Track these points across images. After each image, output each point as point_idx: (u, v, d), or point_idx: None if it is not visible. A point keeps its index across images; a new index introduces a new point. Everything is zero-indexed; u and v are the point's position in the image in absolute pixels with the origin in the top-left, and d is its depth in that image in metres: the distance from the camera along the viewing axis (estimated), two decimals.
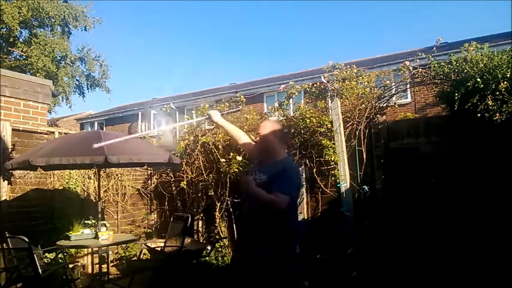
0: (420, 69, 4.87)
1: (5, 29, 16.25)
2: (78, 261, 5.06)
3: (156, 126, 17.28)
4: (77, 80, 19.75)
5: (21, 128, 4.78)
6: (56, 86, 15.65)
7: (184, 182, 5.98)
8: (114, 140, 3.45)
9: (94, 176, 5.57)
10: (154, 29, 53.88)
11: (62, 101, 19.17)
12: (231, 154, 5.53)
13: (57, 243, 4.13)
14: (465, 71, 4.00)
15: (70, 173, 5.33)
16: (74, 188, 5.39)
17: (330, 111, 5.02)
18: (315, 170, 5.01)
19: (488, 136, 3.78)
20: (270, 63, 55.29)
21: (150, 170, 6.52)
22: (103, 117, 20.54)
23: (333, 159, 4.75)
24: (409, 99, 10.60)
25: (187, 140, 6.11)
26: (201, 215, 6.14)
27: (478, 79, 3.78)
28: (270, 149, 2.45)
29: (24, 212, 4.64)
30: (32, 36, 17.14)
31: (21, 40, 17.37)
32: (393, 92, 5.23)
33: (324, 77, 9.86)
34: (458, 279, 3.74)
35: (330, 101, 5.35)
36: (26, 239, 3.33)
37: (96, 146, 3.15)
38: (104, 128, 19.36)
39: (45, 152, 3.64)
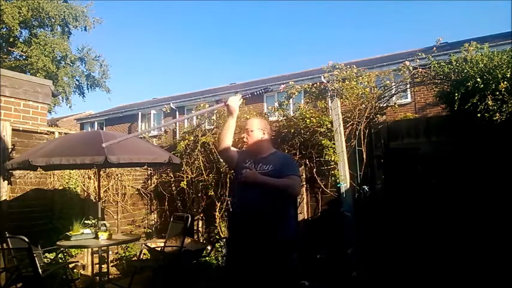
0: (420, 69, 4.86)
1: (5, 29, 16.23)
2: (78, 261, 5.05)
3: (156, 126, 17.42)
4: (77, 80, 19.74)
5: (21, 128, 4.78)
6: (56, 86, 15.65)
7: (184, 182, 5.99)
8: (115, 140, 3.43)
9: (94, 176, 5.57)
10: (155, 29, 53.91)
11: (62, 101, 19.18)
12: None
13: (57, 243, 4.11)
14: (465, 71, 3.99)
15: (70, 173, 5.32)
16: (74, 188, 5.39)
17: (330, 111, 5.01)
18: (315, 170, 5.01)
19: (488, 136, 3.78)
20: (270, 63, 55.32)
21: (150, 170, 6.52)
22: (103, 117, 20.55)
23: (333, 159, 4.74)
24: (409, 99, 10.59)
25: (187, 140, 6.11)
26: (201, 215, 6.14)
27: (478, 79, 3.77)
28: (263, 143, 2.65)
29: (24, 212, 4.64)
30: (32, 36, 17.11)
31: (21, 40, 17.35)
32: (393, 92, 5.22)
33: (324, 77, 9.87)
34: (458, 278, 3.74)
35: (330, 101, 5.34)
36: (26, 239, 3.33)
37: (105, 144, 3.14)
38: (104, 128, 19.36)
39: (45, 152, 3.64)
